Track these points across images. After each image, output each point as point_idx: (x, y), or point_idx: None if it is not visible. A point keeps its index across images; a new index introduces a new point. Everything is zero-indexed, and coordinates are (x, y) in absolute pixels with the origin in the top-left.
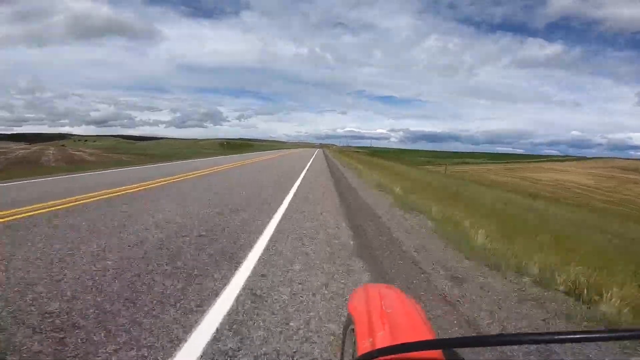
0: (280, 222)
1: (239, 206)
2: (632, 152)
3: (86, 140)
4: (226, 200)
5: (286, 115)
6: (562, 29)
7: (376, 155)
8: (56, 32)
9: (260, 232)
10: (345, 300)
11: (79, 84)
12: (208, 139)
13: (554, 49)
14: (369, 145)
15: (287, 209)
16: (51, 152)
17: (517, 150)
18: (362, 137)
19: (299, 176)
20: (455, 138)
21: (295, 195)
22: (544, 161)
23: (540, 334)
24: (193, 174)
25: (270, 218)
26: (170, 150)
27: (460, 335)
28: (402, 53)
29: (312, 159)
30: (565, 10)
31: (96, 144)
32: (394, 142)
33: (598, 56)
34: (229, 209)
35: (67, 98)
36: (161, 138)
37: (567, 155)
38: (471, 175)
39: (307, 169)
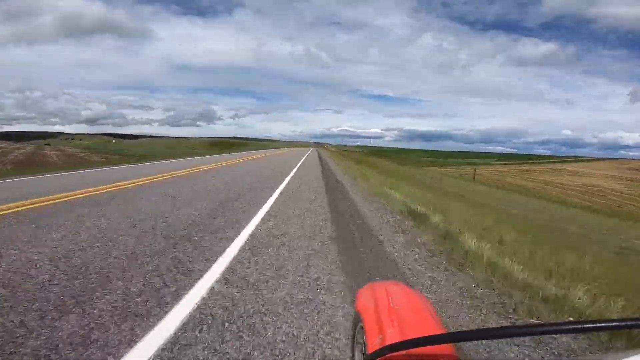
0: None
1: None
2: (623, 152)
3: (73, 139)
4: None
5: (281, 115)
6: (556, 27)
7: (376, 155)
8: (46, 31)
9: None
10: None
11: (70, 83)
12: (202, 138)
13: (547, 47)
14: (367, 145)
15: None
16: (16, 153)
17: (510, 149)
18: (357, 137)
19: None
20: (449, 137)
21: None
22: (554, 162)
23: (550, 323)
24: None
25: None
26: (151, 150)
27: (470, 329)
28: (397, 51)
29: (305, 156)
30: (560, 9)
31: (83, 142)
32: (388, 141)
33: (591, 54)
34: None
35: (59, 97)
36: (153, 137)
37: (576, 156)
38: (496, 181)
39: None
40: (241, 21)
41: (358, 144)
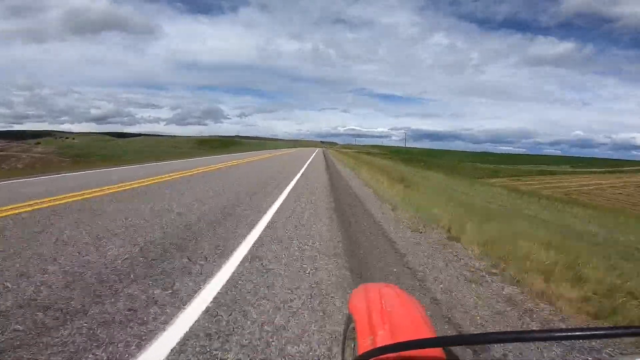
0: None
1: None
2: (635, 152)
3: (67, 138)
4: None
5: (287, 113)
6: (572, 27)
7: (413, 161)
8: (53, 27)
9: None
10: None
11: (78, 81)
12: (210, 136)
13: (563, 47)
14: (377, 144)
15: None
16: None
17: (519, 149)
18: (364, 136)
19: None
20: (456, 137)
21: None
22: None
23: (541, 331)
24: None
25: None
26: (117, 151)
27: (460, 334)
28: (404, 50)
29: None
30: (578, 7)
31: (75, 141)
32: (395, 141)
33: (605, 54)
34: None
35: (67, 95)
36: (159, 135)
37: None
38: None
39: None
40: (246, 19)
41: (365, 143)
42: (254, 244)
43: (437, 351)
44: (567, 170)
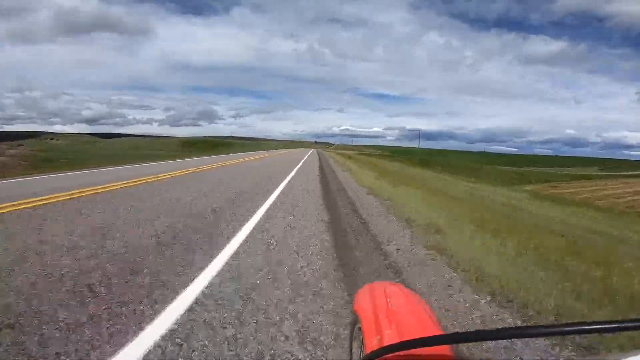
0: None
1: None
2: (625, 152)
3: (51, 139)
4: None
5: (283, 114)
6: (565, 25)
7: (429, 165)
8: (43, 28)
9: None
10: None
11: (69, 82)
12: (203, 137)
13: (555, 46)
14: (372, 144)
15: None
16: None
17: (512, 149)
18: (359, 136)
19: None
20: (450, 136)
21: None
22: None
23: (553, 325)
24: None
25: None
26: (105, 154)
27: (468, 331)
28: (399, 49)
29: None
30: (568, 6)
31: (59, 142)
32: (390, 140)
33: (598, 53)
34: None
35: (58, 97)
36: (150, 136)
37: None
38: None
39: None
40: (240, 19)
41: (361, 143)
42: None
43: (445, 349)
44: (600, 174)
